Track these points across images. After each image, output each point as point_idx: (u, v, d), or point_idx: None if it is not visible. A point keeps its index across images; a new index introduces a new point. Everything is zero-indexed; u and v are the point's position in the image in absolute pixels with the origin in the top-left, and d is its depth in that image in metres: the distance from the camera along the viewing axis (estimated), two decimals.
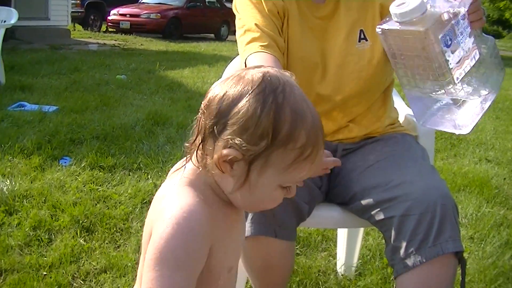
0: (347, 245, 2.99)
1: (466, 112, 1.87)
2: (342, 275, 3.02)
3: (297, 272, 2.98)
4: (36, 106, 6.56)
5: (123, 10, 21.91)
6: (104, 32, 22.58)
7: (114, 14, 22.05)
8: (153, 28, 21.34)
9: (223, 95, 1.26)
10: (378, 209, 1.90)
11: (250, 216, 1.87)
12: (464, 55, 1.80)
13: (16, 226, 3.32)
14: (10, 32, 12.82)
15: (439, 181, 1.91)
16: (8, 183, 3.94)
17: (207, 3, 24.51)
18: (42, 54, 12.04)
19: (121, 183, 4.18)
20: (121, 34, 20.95)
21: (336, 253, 3.15)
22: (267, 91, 1.24)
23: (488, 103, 1.89)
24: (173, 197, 1.30)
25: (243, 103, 1.23)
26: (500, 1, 40.16)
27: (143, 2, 23.56)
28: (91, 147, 4.94)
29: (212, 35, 23.65)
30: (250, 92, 1.24)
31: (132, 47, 16.56)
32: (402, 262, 1.82)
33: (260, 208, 1.37)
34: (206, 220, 1.25)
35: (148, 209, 1.38)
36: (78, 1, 21.94)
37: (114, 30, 22.18)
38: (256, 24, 2.07)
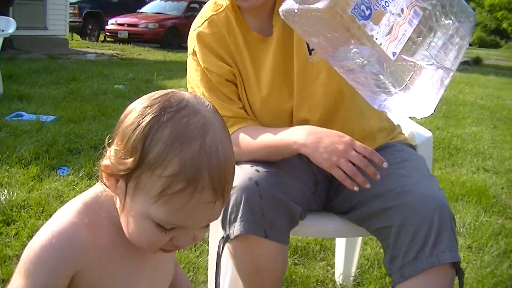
0: (345, 254, 2.98)
1: (420, 89, 1.56)
2: (340, 284, 3.01)
3: (295, 281, 2.97)
4: (33, 115, 6.54)
5: (121, 19, 21.98)
6: (102, 41, 22.65)
7: (112, 24, 22.13)
8: (151, 38, 21.41)
9: (126, 108, 1.20)
10: (377, 218, 1.90)
11: (240, 214, 1.85)
12: (396, 20, 1.47)
13: (13, 236, 3.31)
14: (8, 42, 12.84)
15: (437, 191, 1.90)
16: (5, 193, 3.94)
17: None
18: (40, 64, 12.03)
19: None
20: (119, 44, 21.00)
21: (334, 263, 3.15)
22: (156, 107, 1.14)
23: (455, 67, 1.58)
24: (55, 216, 1.24)
25: (132, 113, 1.16)
26: (497, 11, 40.28)
27: (141, 12, 23.65)
28: (89, 157, 4.93)
29: None
30: (143, 104, 1.16)
31: (130, 56, 16.58)
32: (399, 272, 1.82)
33: (138, 242, 1.22)
34: (77, 246, 1.18)
35: None
36: (76, 11, 22.02)
37: (112, 39, 22.24)
38: None
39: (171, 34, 21.70)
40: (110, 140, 1.21)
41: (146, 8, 24.37)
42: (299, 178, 1.94)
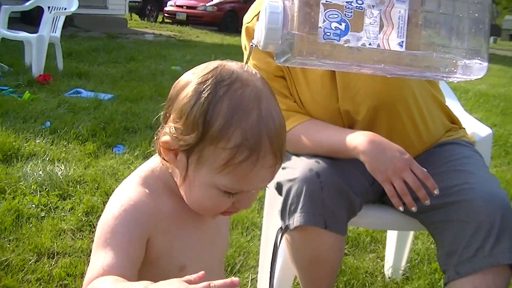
0: (396, 247, 2.96)
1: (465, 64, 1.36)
2: (389, 277, 3.00)
3: (344, 272, 2.97)
4: (92, 93, 6.66)
5: (180, 1, 22.14)
6: (161, 22, 22.84)
7: (171, 5, 22.32)
8: (209, 21, 21.50)
9: (177, 83, 1.24)
10: (435, 211, 1.88)
11: (300, 205, 1.86)
12: (381, 10, 1.27)
13: (69, 211, 3.38)
14: (69, 20, 13.02)
15: (500, 191, 1.87)
16: (62, 168, 4.02)
17: None
18: (99, 42, 12.19)
19: None
20: (177, 25, 21.17)
21: (384, 255, 3.13)
22: (210, 81, 1.17)
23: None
24: (118, 190, 1.30)
25: (185, 90, 1.19)
26: None
27: None
28: (145, 136, 5.00)
29: None
30: (196, 79, 1.19)
31: (188, 38, 16.67)
32: (454, 269, 1.80)
33: (202, 209, 1.28)
34: (145, 212, 1.24)
35: None
36: None
37: (170, 21, 22.44)
38: None
39: (229, 18, 21.73)
40: (164, 117, 1.24)
41: None
42: (358, 168, 1.93)
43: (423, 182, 1.83)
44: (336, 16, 1.25)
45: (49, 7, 8.02)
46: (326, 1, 1.25)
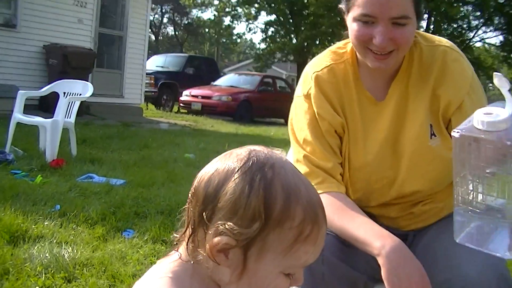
0: None
1: None
2: None
3: None
4: (104, 178, 6.65)
5: (195, 91, 22.41)
6: (176, 112, 23.06)
7: (186, 95, 22.58)
8: (224, 110, 21.73)
9: (208, 179, 1.20)
10: None
11: None
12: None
13: None
14: (85, 107, 13.18)
15: (496, 260, 1.78)
16: (70, 251, 3.94)
17: (278, 87, 24.89)
18: (114, 130, 12.26)
19: None
20: (192, 115, 21.33)
21: None
22: (254, 168, 1.17)
23: None
24: None
25: (229, 184, 1.17)
26: None
27: (215, 85, 24.06)
28: (155, 221, 4.92)
29: (282, 120, 23.81)
30: (236, 171, 1.18)
31: (202, 127, 16.80)
32: None
33: None
34: None
35: None
36: (152, 81, 22.53)
37: (186, 111, 22.65)
38: (306, 156, 2.09)
39: (244, 108, 21.98)
40: (205, 219, 1.19)
41: (220, 81, 24.86)
42: None
43: None
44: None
45: (64, 93, 8.13)
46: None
